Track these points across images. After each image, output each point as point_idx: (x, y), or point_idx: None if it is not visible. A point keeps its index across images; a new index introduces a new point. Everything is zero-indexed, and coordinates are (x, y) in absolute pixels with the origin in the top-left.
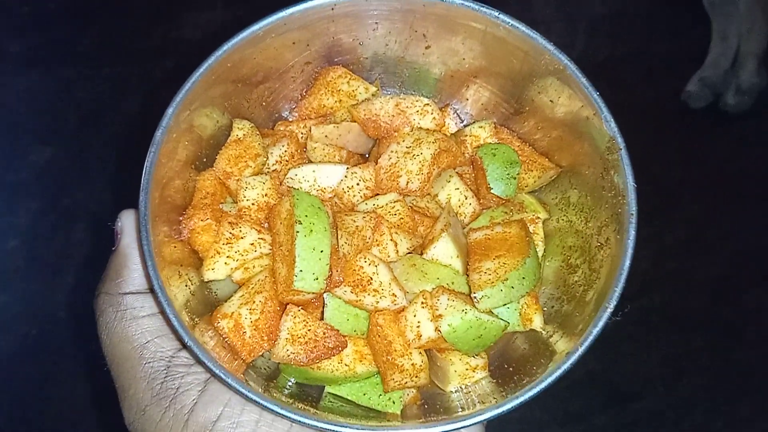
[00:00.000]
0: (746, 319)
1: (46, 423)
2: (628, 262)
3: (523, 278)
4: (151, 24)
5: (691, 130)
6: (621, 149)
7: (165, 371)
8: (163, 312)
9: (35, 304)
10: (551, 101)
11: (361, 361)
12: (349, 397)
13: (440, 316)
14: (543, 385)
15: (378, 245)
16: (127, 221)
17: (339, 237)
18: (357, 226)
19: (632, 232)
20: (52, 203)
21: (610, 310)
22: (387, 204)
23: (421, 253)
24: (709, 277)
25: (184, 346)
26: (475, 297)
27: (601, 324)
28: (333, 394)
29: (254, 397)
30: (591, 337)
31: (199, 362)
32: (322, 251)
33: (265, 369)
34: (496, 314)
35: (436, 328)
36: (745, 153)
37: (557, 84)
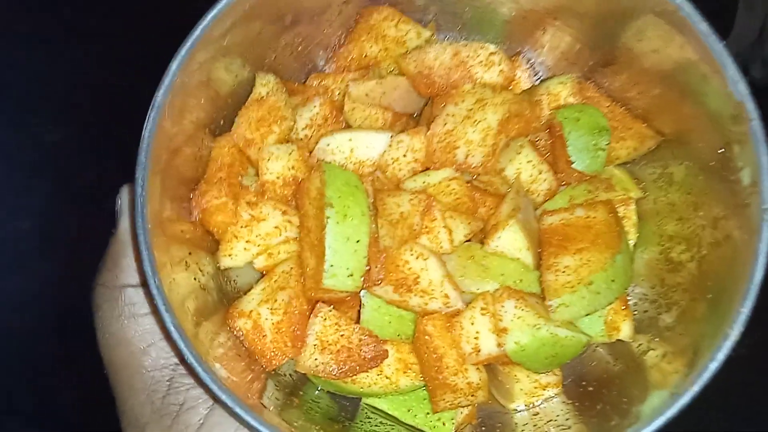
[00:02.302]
0: None
1: (61, 405)
2: (759, 274)
3: (612, 281)
4: (163, 0)
5: None
6: (752, 120)
7: (168, 383)
8: (159, 318)
9: (51, 285)
10: (655, 51)
11: (405, 372)
12: (390, 412)
13: (505, 329)
14: None
15: (428, 233)
16: (128, 199)
17: (379, 227)
18: (402, 212)
19: (766, 234)
20: (66, 184)
21: (733, 338)
22: (440, 182)
23: (482, 242)
24: None
25: (183, 362)
26: (550, 305)
27: (720, 357)
28: (371, 407)
29: (263, 430)
30: (707, 374)
31: (200, 383)
32: (358, 241)
33: (289, 376)
34: (576, 326)
35: (500, 343)
36: None
37: (665, 29)
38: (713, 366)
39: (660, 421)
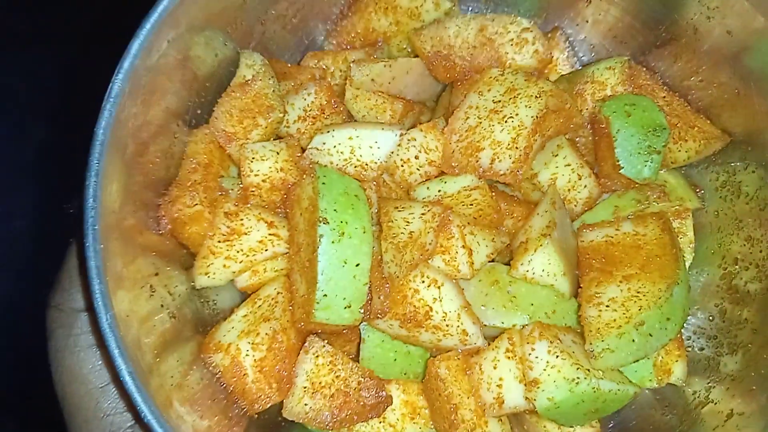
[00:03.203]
0: None
1: (54, 405)
2: None
3: (668, 320)
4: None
5: None
6: None
7: (130, 429)
8: (108, 363)
9: (43, 286)
10: (728, 32)
11: (412, 418)
12: None
13: (536, 382)
14: None
15: (443, 253)
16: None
17: (384, 251)
18: (411, 232)
19: None
20: (58, 183)
21: None
22: (459, 191)
23: (508, 263)
24: None
25: (139, 421)
26: (591, 350)
27: None
28: None
29: None
30: None
31: None
32: (357, 265)
33: (275, 416)
34: (621, 373)
35: (529, 397)
36: None
37: (743, 6)
38: None
39: None
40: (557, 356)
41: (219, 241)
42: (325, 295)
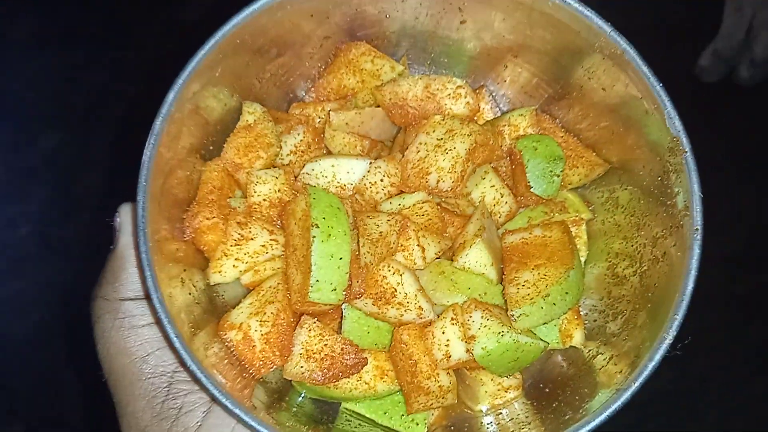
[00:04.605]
0: (762, 295)
1: (60, 407)
2: (690, 286)
3: (566, 293)
4: (155, 6)
5: (704, 104)
6: (686, 152)
7: (167, 388)
8: (162, 330)
9: (48, 290)
10: (603, 89)
11: (382, 378)
12: (368, 415)
13: (473, 337)
14: (590, 427)
15: (403, 251)
16: (126, 218)
17: (360, 245)
18: (381, 232)
19: (696, 251)
20: (62, 189)
21: (668, 341)
22: (414, 204)
23: (451, 259)
24: (723, 255)
25: (185, 367)
26: (512, 315)
27: (657, 358)
28: (350, 411)
29: (261, 429)
30: (646, 373)
31: (202, 388)
32: (341, 258)
33: (275, 383)
34: (535, 334)
35: (468, 349)
36: (760, 127)
37: (612, 69)
38: (651, 365)
39: (606, 414)
40: (488, 319)
41: (231, 245)
42: (317, 281)
